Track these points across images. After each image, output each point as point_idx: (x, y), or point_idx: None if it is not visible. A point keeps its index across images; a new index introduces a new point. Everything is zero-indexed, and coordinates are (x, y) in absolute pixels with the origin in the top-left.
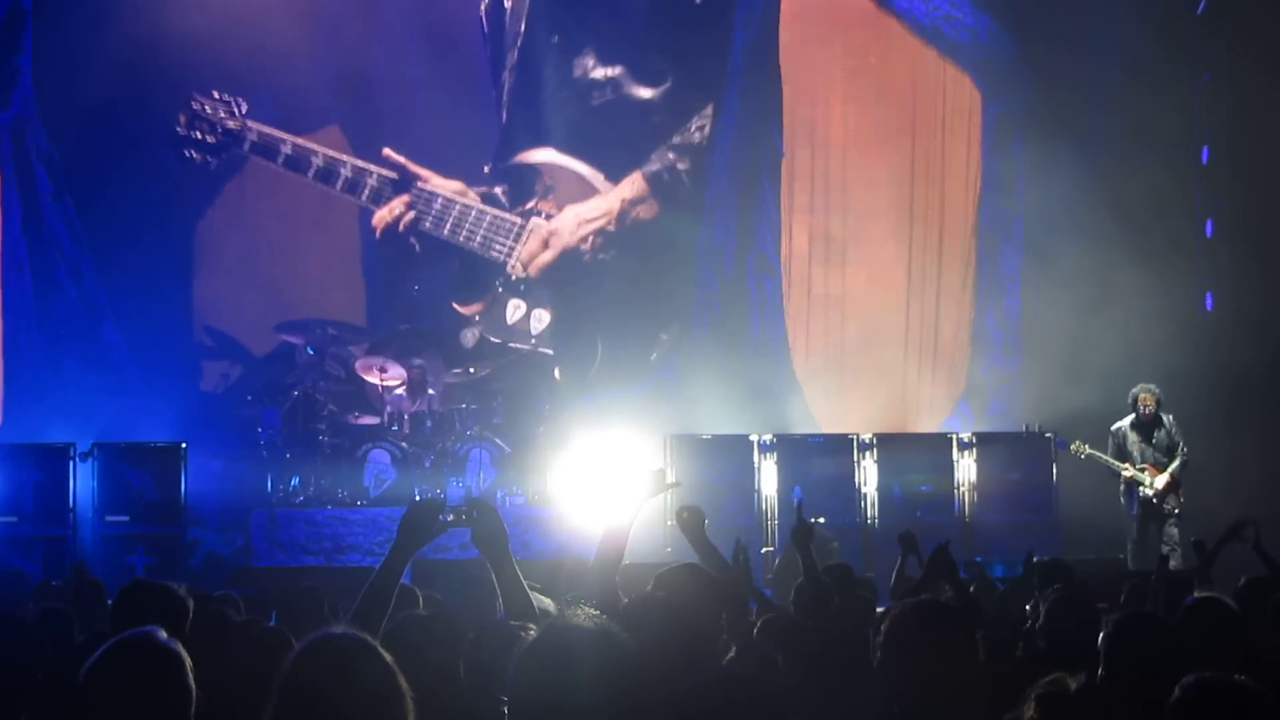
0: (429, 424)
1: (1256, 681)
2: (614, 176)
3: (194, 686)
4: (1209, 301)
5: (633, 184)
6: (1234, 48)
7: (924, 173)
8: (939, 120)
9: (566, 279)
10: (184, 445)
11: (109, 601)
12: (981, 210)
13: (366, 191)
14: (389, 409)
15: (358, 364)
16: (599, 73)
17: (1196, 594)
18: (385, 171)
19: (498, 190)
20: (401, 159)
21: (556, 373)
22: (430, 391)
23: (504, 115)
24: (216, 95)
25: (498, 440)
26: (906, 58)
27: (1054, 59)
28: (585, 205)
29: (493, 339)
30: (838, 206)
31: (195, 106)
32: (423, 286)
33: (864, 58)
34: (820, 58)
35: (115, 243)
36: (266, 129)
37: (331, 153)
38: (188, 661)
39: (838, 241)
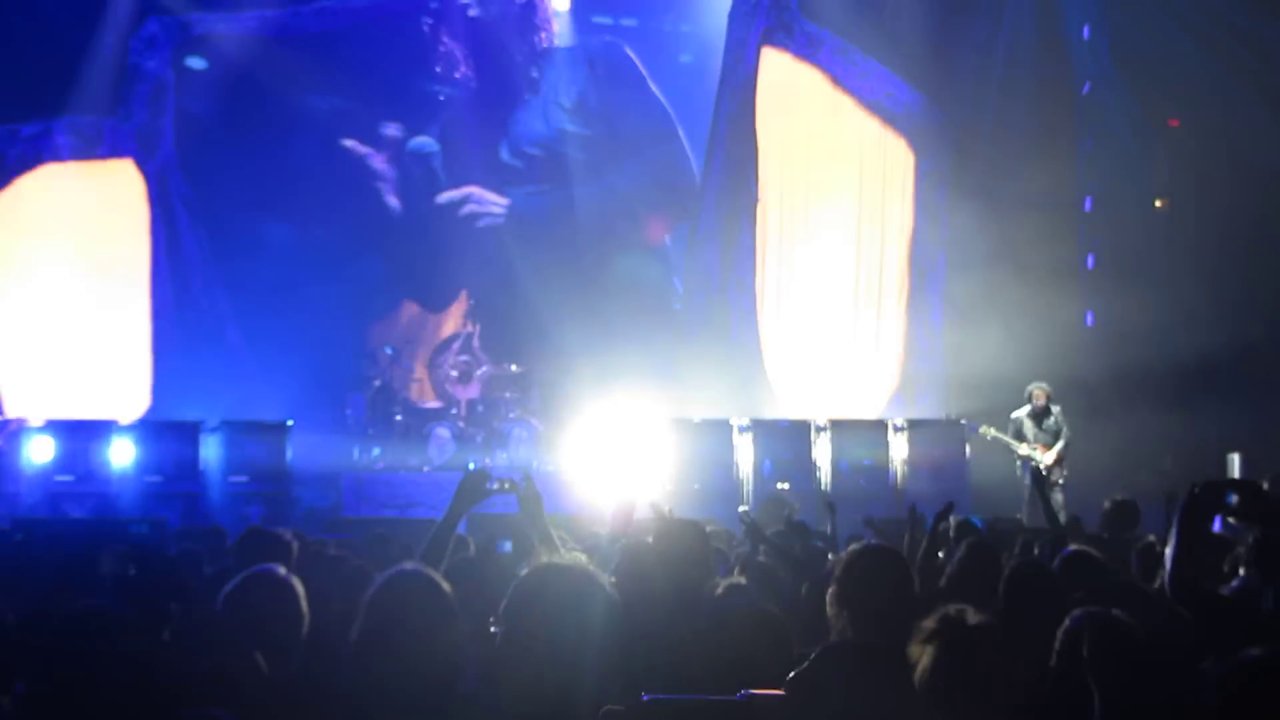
0: (480, 408)
1: (1125, 613)
2: None
3: (306, 611)
4: (1089, 318)
5: None
6: (1111, 120)
7: (868, 215)
8: (880, 174)
9: None
10: (289, 422)
11: (229, 543)
12: (914, 245)
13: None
14: (448, 395)
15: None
16: None
17: (1071, 547)
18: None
19: None
20: None
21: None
22: (479, 382)
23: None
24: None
25: (534, 421)
26: (855, 125)
27: (970, 128)
28: None
29: (455, 361)
30: (800, 240)
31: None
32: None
33: (822, 125)
34: (788, 124)
35: (237, 262)
36: None
37: None
38: (301, 591)
39: (800, 267)
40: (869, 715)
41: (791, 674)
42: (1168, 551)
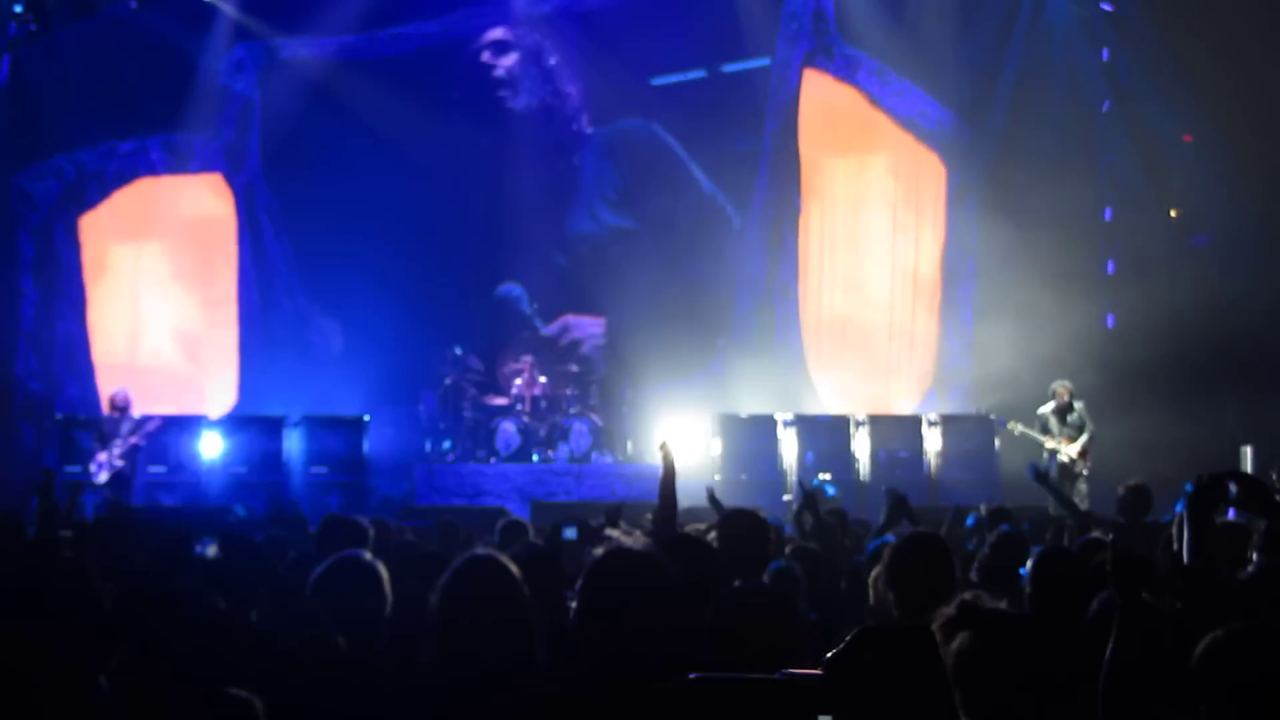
0: (543, 404)
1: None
2: None
3: (389, 594)
4: (1110, 320)
5: None
6: (1129, 136)
7: (903, 224)
8: (914, 186)
9: None
10: (366, 417)
11: (311, 530)
12: (945, 252)
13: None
14: (514, 392)
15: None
16: None
17: (1089, 534)
18: None
19: None
20: None
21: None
22: (542, 379)
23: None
24: None
25: (593, 416)
26: (891, 141)
27: (998, 143)
28: None
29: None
30: (840, 248)
31: None
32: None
33: (860, 141)
34: (828, 140)
35: (319, 270)
36: None
37: None
38: (385, 575)
39: (840, 273)
40: (905, 696)
41: (829, 654)
42: (1184, 539)
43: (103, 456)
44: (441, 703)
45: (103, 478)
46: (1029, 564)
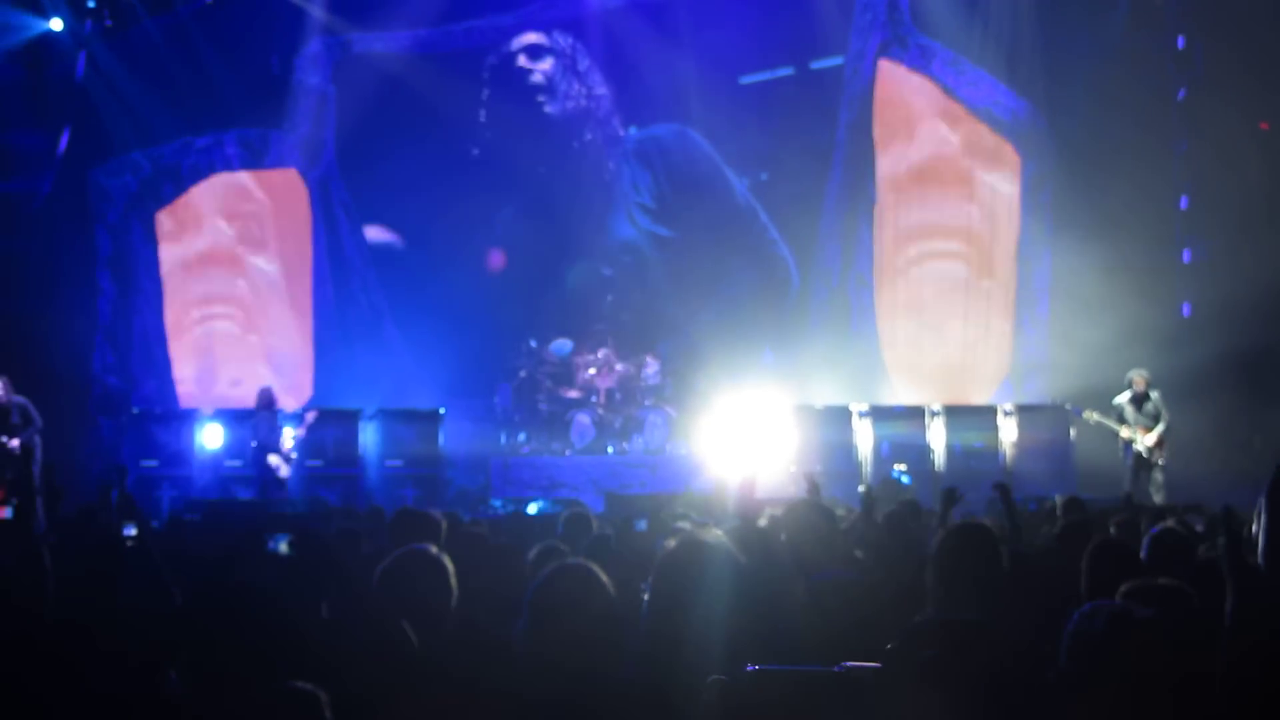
0: (618, 396)
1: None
2: None
3: (455, 587)
4: (1186, 310)
5: None
6: (1204, 125)
7: (978, 214)
8: (989, 175)
9: None
10: (442, 410)
11: (387, 522)
12: (1020, 242)
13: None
14: (589, 384)
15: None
16: None
17: (1165, 523)
18: None
19: None
20: None
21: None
22: (618, 369)
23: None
24: None
25: (668, 408)
26: (966, 130)
27: (1072, 133)
28: None
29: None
30: (915, 237)
31: None
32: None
33: (935, 131)
34: (904, 131)
35: (394, 264)
36: None
37: None
38: (451, 568)
39: (915, 263)
40: (959, 690)
41: (887, 646)
42: (1260, 532)
43: (276, 457)
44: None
45: (284, 472)
46: (1087, 552)
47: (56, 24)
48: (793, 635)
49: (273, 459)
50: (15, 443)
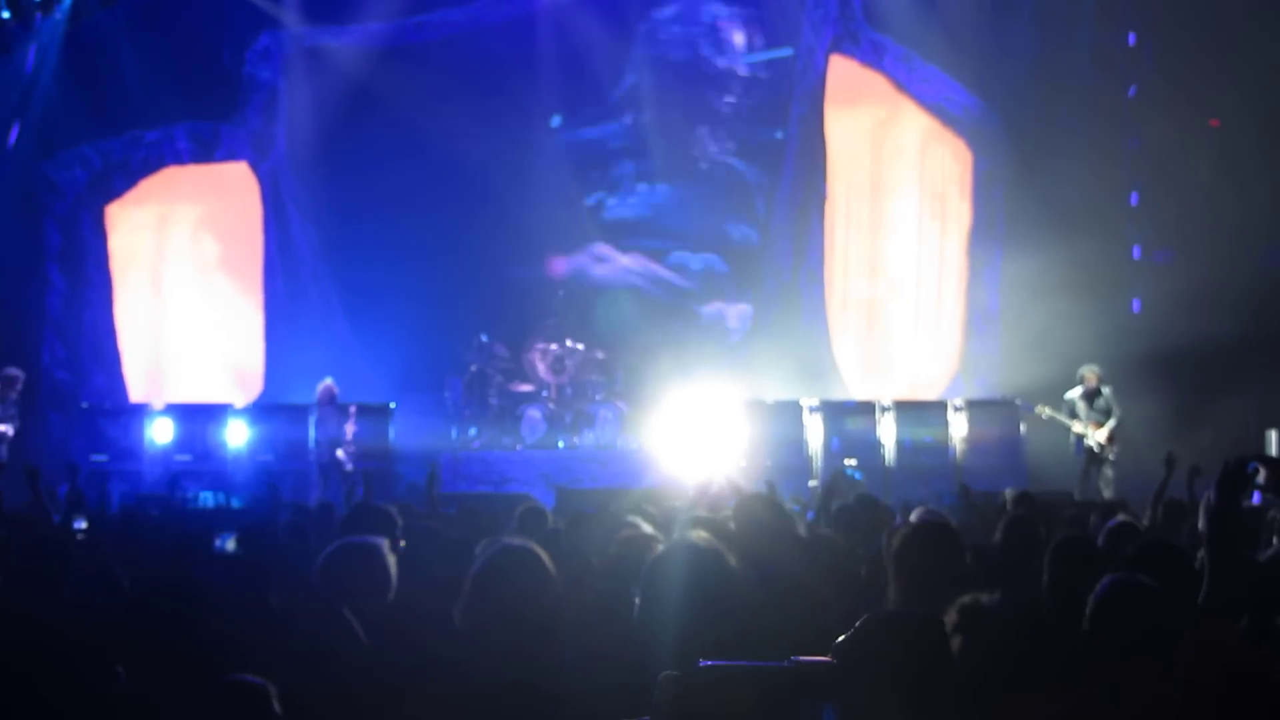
0: (569, 391)
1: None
2: None
3: (393, 575)
4: (1136, 306)
5: None
6: (1155, 122)
7: (929, 210)
8: (940, 172)
9: None
10: (392, 405)
11: (339, 517)
12: (972, 238)
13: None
14: (540, 379)
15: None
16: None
17: (1118, 518)
18: None
19: None
20: None
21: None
22: (568, 365)
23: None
24: None
25: (619, 403)
26: (917, 127)
27: (1024, 129)
28: None
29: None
30: (866, 234)
31: None
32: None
33: (886, 126)
34: (855, 125)
35: (344, 257)
36: None
37: None
38: (391, 559)
39: (866, 259)
40: (912, 683)
41: (838, 640)
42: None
43: (342, 450)
44: (464, 687)
45: (349, 468)
46: (1050, 549)
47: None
48: (746, 630)
49: (340, 453)
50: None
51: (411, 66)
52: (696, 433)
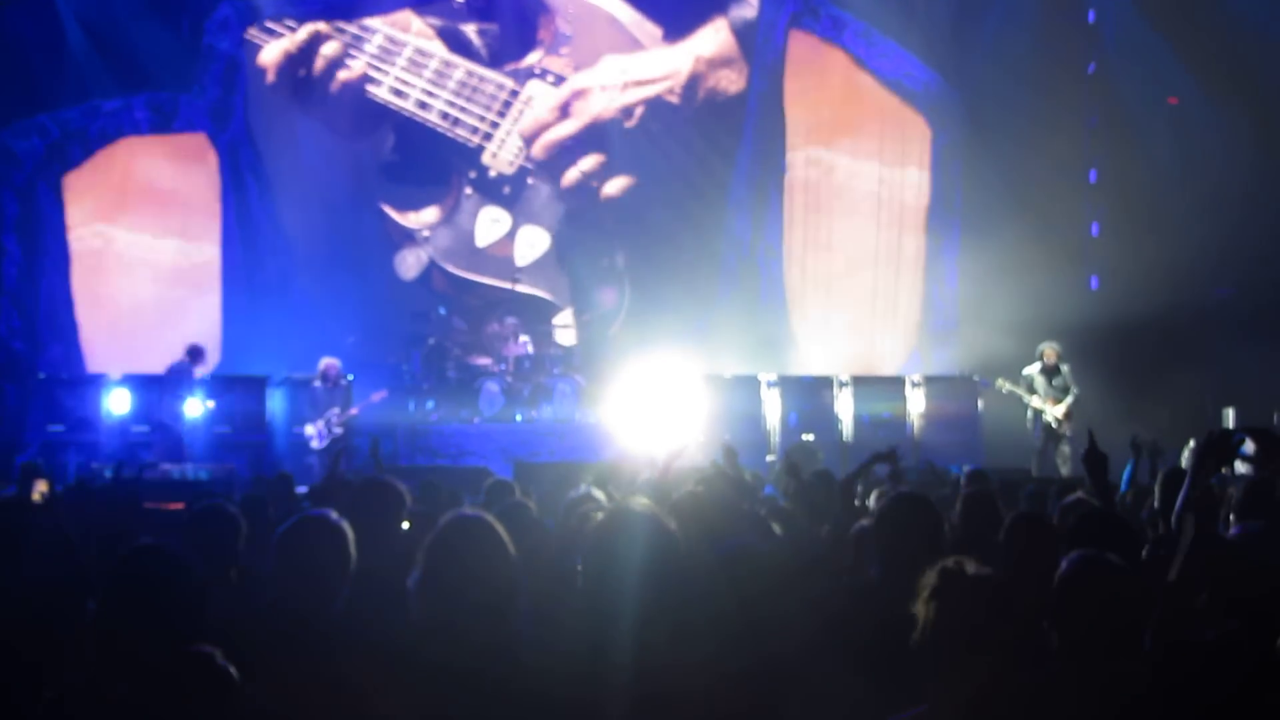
0: (527, 364)
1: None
2: (675, 31)
3: (353, 552)
4: (1094, 283)
5: (715, 35)
6: (1114, 98)
7: (888, 185)
8: (900, 147)
9: (578, 193)
10: (350, 377)
11: (299, 489)
12: (930, 213)
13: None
14: (498, 352)
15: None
16: None
17: (1074, 495)
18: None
19: (471, 32)
20: None
21: (563, 331)
22: (524, 339)
23: None
24: None
25: (577, 377)
26: (876, 102)
27: (983, 105)
28: (636, 59)
29: (448, 267)
30: (825, 209)
31: None
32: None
33: (845, 102)
34: (814, 100)
35: (304, 229)
36: None
37: None
38: (349, 533)
39: (824, 234)
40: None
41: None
42: (1181, 496)
43: (319, 425)
44: (421, 661)
45: (315, 443)
46: (1006, 526)
47: None
48: (703, 604)
49: (309, 429)
50: None
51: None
52: (654, 407)
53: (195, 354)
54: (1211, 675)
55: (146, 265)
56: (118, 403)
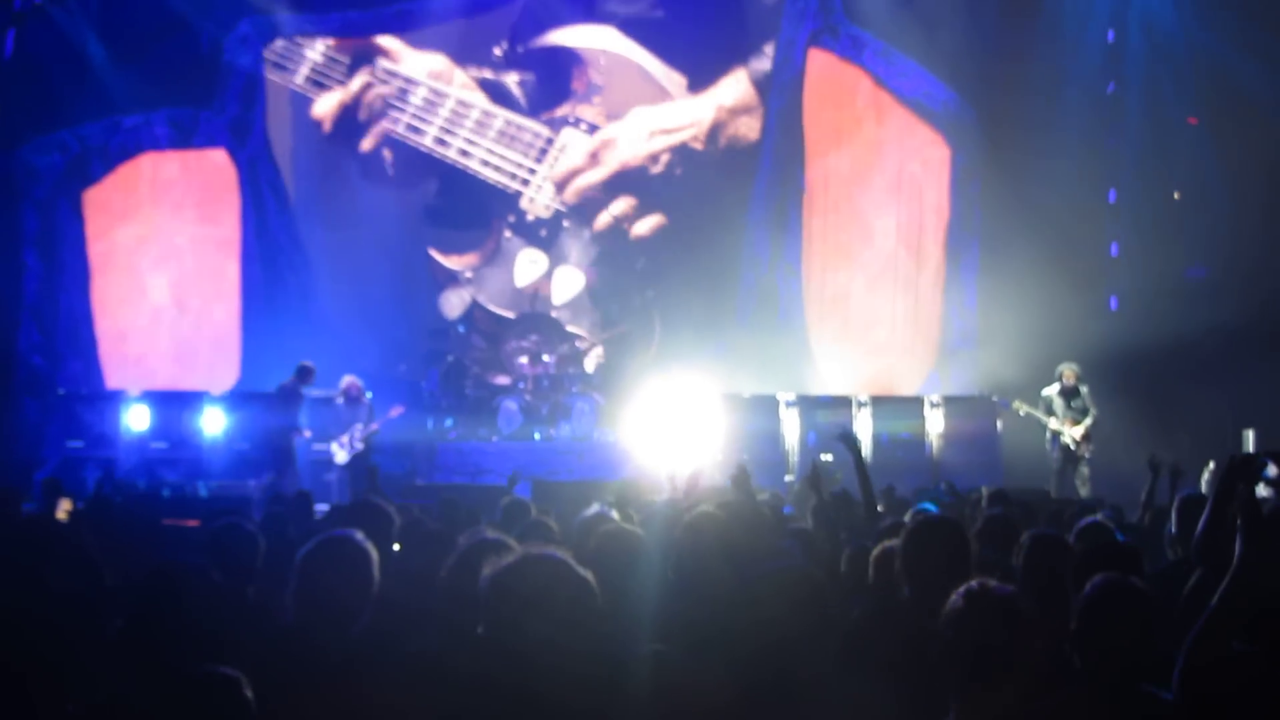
0: (546, 382)
1: (1142, 581)
2: (700, 81)
3: (376, 574)
4: (1113, 303)
5: (736, 85)
6: (1134, 119)
7: (907, 204)
8: (918, 167)
9: (609, 234)
10: (369, 394)
11: (317, 508)
12: (949, 233)
13: (304, 68)
14: (517, 370)
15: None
16: None
17: (1087, 519)
18: (331, 41)
19: (511, 82)
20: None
21: (592, 359)
22: (546, 358)
23: None
24: None
25: (596, 395)
26: (896, 120)
27: (1002, 124)
28: (662, 109)
29: (490, 306)
30: (844, 228)
31: None
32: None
33: (865, 120)
34: (834, 118)
35: (323, 244)
36: None
37: None
38: (374, 555)
39: (843, 253)
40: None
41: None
42: (1204, 517)
43: (344, 439)
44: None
45: (341, 458)
46: (1024, 548)
47: None
48: (722, 625)
49: (333, 445)
50: None
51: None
52: (672, 426)
53: (304, 373)
54: (1234, 699)
55: (166, 280)
56: (137, 419)
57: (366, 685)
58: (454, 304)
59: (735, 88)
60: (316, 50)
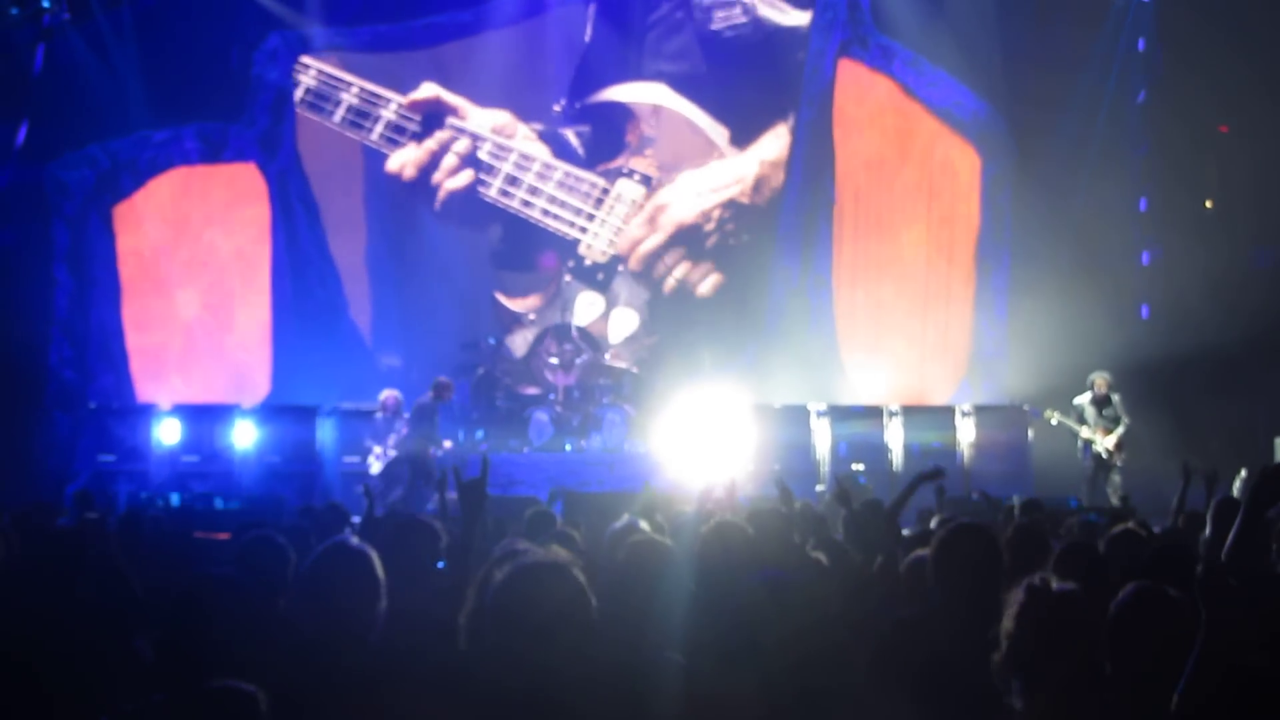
0: (576, 394)
1: (1175, 588)
2: (742, 134)
3: (381, 577)
4: (1145, 312)
5: (776, 141)
6: (1164, 127)
7: (938, 214)
8: (949, 176)
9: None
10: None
11: (354, 519)
12: (980, 242)
13: (379, 125)
14: (548, 382)
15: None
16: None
17: (1125, 526)
18: (403, 99)
19: (569, 135)
20: (433, 90)
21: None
22: (577, 368)
23: (588, 32)
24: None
25: (627, 406)
26: (926, 131)
27: (1033, 134)
28: (708, 170)
29: (551, 347)
30: (874, 238)
31: None
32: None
33: (894, 131)
34: (864, 129)
35: (354, 258)
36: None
37: (332, 71)
38: (376, 560)
39: (874, 264)
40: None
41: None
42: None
43: (378, 450)
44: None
45: (375, 468)
46: (1055, 556)
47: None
48: (749, 632)
49: (370, 458)
50: None
51: (420, 68)
52: (703, 437)
53: (441, 389)
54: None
55: (196, 293)
56: (168, 432)
57: (387, 697)
58: (518, 344)
59: (776, 143)
60: (391, 110)
